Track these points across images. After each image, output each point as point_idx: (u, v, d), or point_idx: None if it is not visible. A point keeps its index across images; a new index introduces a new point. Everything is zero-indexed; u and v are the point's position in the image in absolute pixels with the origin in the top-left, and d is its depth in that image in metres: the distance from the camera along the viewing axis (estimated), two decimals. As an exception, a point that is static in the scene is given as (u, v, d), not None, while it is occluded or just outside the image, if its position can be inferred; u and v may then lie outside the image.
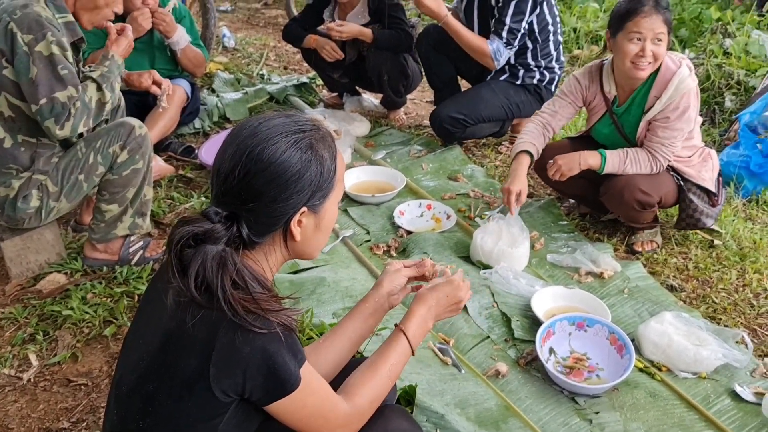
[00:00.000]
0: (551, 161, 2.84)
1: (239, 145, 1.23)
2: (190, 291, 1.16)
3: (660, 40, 2.59)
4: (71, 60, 2.41)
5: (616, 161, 2.75)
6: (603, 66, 2.86)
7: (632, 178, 2.73)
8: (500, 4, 3.40)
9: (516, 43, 3.46)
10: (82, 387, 2.21)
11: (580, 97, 2.94)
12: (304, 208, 1.27)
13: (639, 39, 2.60)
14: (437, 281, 1.59)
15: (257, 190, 1.22)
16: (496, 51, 3.46)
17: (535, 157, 2.91)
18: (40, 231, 2.68)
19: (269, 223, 1.26)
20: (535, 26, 3.48)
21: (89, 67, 2.60)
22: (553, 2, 3.57)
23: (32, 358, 2.31)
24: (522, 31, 3.43)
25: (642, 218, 2.84)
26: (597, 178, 2.84)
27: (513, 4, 3.37)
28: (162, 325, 1.24)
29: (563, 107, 2.96)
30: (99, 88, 2.47)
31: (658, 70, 2.67)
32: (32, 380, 2.23)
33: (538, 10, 3.45)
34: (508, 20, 3.39)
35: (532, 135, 2.92)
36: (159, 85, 2.89)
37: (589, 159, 2.77)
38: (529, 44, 3.53)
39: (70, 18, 2.46)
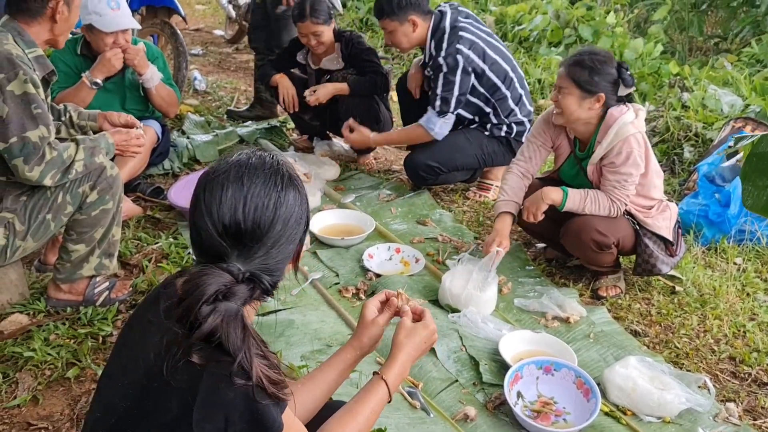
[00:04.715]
0: (522, 207, 2.95)
1: (251, 200, 1.23)
2: (192, 345, 1.15)
3: (562, 91, 2.80)
4: (43, 97, 2.41)
5: (576, 198, 2.84)
6: None
7: (590, 219, 2.82)
8: (433, 77, 3.58)
9: (450, 110, 3.59)
10: (43, 431, 2.14)
11: (549, 138, 3.06)
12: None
13: (555, 88, 2.87)
14: (409, 324, 1.60)
15: (278, 235, 1.26)
16: (428, 122, 3.64)
17: (516, 213, 3.04)
18: (4, 270, 2.63)
19: (286, 260, 1.30)
20: (483, 90, 3.62)
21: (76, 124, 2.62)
22: (503, 64, 3.64)
23: (-9, 400, 2.25)
24: (455, 97, 3.56)
25: (600, 260, 2.90)
26: (562, 219, 2.91)
27: (441, 75, 3.55)
28: (143, 367, 1.22)
29: (535, 151, 3.09)
30: (78, 152, 2.46)
31: (604, 117, 2.80)
32: (-10, 424, 2.17)
33: (474, 78, 3.58)
34: (439, 91, 3.57)
35: (513, 190, 3.05)
36: (131, 127, 2.88)
37: (551, 193, 2.87)
38: (487, 109, 3.68)
39: (40, 52, 2.46)
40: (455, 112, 3.63)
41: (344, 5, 7.93)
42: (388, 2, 3.54)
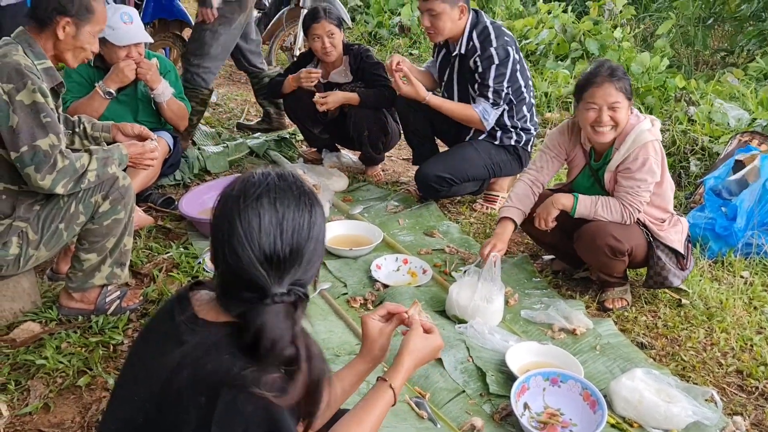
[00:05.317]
0: (534, 214, 2.97)
1: (287, 225, 1.26)
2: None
3: (616, 107, 2.75)
4: (52, 106, 2.44)
5: (588, 203, 2.86)
6: None
7: (605, 224, 2.83)
8: (481, 70, 3.56)
9: (501, 102, 3.61)
10: (54, 438, 2.17)
11: (563, 151, 3.08)
12: None
13: (595, 107, 2.77)
14: (420, 332, 1.64)
15: (312, 255, 1.29)
16: (484, 112, 3.60)
17: (519, 222, 3.05)
18: (17, 279, 2.67)
19: (314, 276, 1.34)
20: (510, 89, 3.63)
21: (90, 135, 2.64)
22: (526, 66, 3.73)
23: (3, 408, 2.27)
24: (505, 90, 3.58)
25: (612, 267, 2.90)
26: (573, 230, 2.93)
27: (494, 67, 3.53)
28: (159, 381, 1.24)
29: (548, 161, 3.10)
30: (91, 162, 2.49)
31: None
32: (2, 431, 2.19)
33: (512, 73, 3.60)
34: (491, 82, 3.55)
35: (519, 198, 3.06)
36: (145, 139, 2.93)
37: (562, 199, 2.89)
38: (505, 106, 3.67)
39: (49, 64, 2.49)
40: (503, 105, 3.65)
41: (353, 19, 8.00)
42: None
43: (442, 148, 4.10)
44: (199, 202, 3.58)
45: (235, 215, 1.25)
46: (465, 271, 2.96)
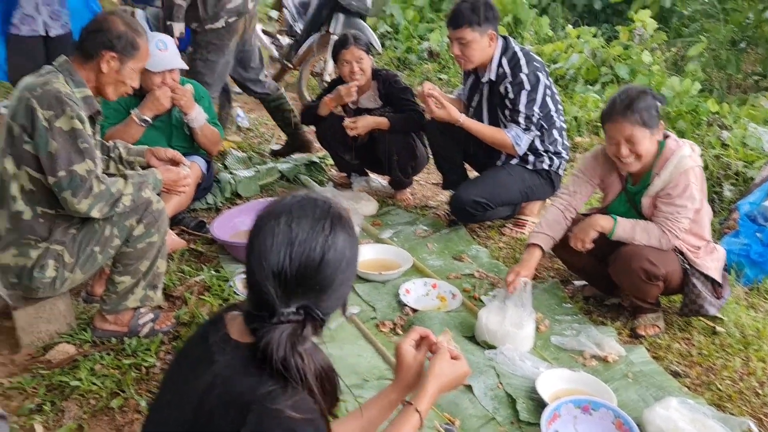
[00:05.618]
0: (570, 233, 2.95)
1: (299, 246, 1.28)
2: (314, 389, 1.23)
3: (634, 140, 2.74)
4: (90, 132, 2.52)
5: (627, 226, 2.83)
6: None
7: (641, 248, 2.80)
8: (512, 96, 3.57)
9: (533, 127, 3.61)
10: (87, 459, 2.20)
11: (596, 176, 3.06)
12: None
13: (613, 141, 2.79)
14: (447, 358, 1.64)
15: (329, 281, 1.30)
16: (516, 137, 3.61)
17: (547, 249, 3.03)
18: (53, 301, 2.72)
19: (338, 304, 1.35)
20: (540, 114, 3.63)
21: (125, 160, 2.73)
22: (555, 91, 3.74)
23: (38, 428, 2.31)
24: (537, 115, 3.59)
25: (646, 291, 2.86)
26: (605, 255, 2.90)
27: (525, 93, 3.55)
28: (191, 403, 1.26)
29: (581, 186, 3.08)
30: (126, 186, 2.55)
31: (661, 150, 2.80)
32: (37, 451, 2.23)
33: (543, 98, 3.61)
34: (522, 108, 3.56)
35: (549, 224, 3.04)
36: (177, 164, 2.99)
37: (601, 221, 2.87)
38: (536, 131, 3.67)
39: (88, 92, 2.57)
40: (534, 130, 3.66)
41: (382, 45, 8.09)
42: (473, 11, 3.51)
43: (471, 172, 4.11)
44: (230, 225, 3.63)
45: (255, 233, 1.31)
46: (494, 296, 2.95)
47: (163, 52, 3.42)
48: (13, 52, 4.36)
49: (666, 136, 2.85)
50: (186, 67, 3.67)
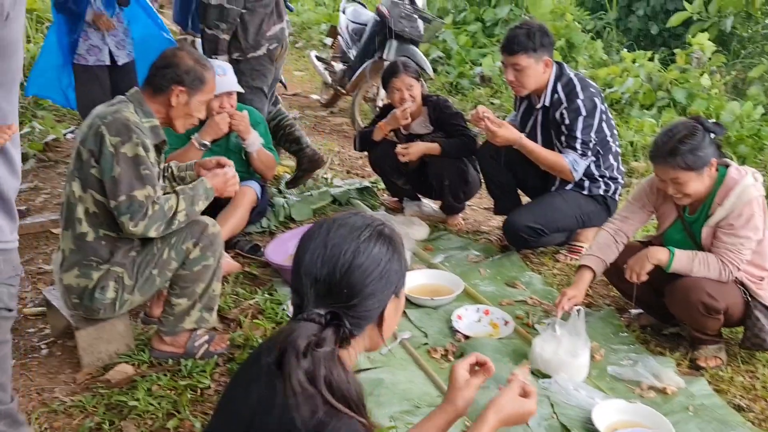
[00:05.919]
0: (625, 265, 2.89)
1: (330, 249, 1.32)
2: (325, 397, 1.22)
3: (679, 182, 2.70)
4: (153, 160, 2.61)
5: (684, 259, 2.76)
6: None
7: (699, 280, 2.72)
8: (568, 122, 3.55)
9: (589, 153, 3.58)
10: (143, 479, 2.24)
11: (651, 203, 3.01)
12: (393, 296, 1.37)
13: (661, 180, 2.79)
14: (516, 392, 1.62)
15: (358, 288, 1.31)
16: (573, 162, 3.58)
17: (599, 272, 2.98)
18: (113, 322, 2.80)
19: (367, 316, 1.35)
20: (596, 140, 3.59)
21: (176, 176, 2.79)
22: (610, 116, 3.70)
23: (98, 447, 2.37)
24: (593, 141, 3.56)
25: (705, 324, 2.77)
26: (662, 285, 2.83)
27: (581, 119, 3.52)
28: (244, 423, 1.29)
29: (634, 212, 3.04)
30: (179, 202, 2.62)
31: (722, 180, 2.74)
32: (95, 469, 2.28)
33: (599, 123, 3.58)
34: (578, 134, 3.53)
35: (600, 247, 3.01)
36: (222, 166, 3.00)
37: (658, 253, 2.80)
38: (592, 157, 3.63)
39: (156, 122, 2.68)
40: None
41: (435, 70, 8.13)
42: (529, 38, 3.52)
43: (523, 198, 4.07)
44: (283, 249, 3.67)
45: (302, 240, 1.39)
46: (549, 324, 2.90)
47: (221, 77, 3.51)
48: (80, 81, 4.58)
49: (727, 165, 2.78)
50: (241, 89, 3.76)
